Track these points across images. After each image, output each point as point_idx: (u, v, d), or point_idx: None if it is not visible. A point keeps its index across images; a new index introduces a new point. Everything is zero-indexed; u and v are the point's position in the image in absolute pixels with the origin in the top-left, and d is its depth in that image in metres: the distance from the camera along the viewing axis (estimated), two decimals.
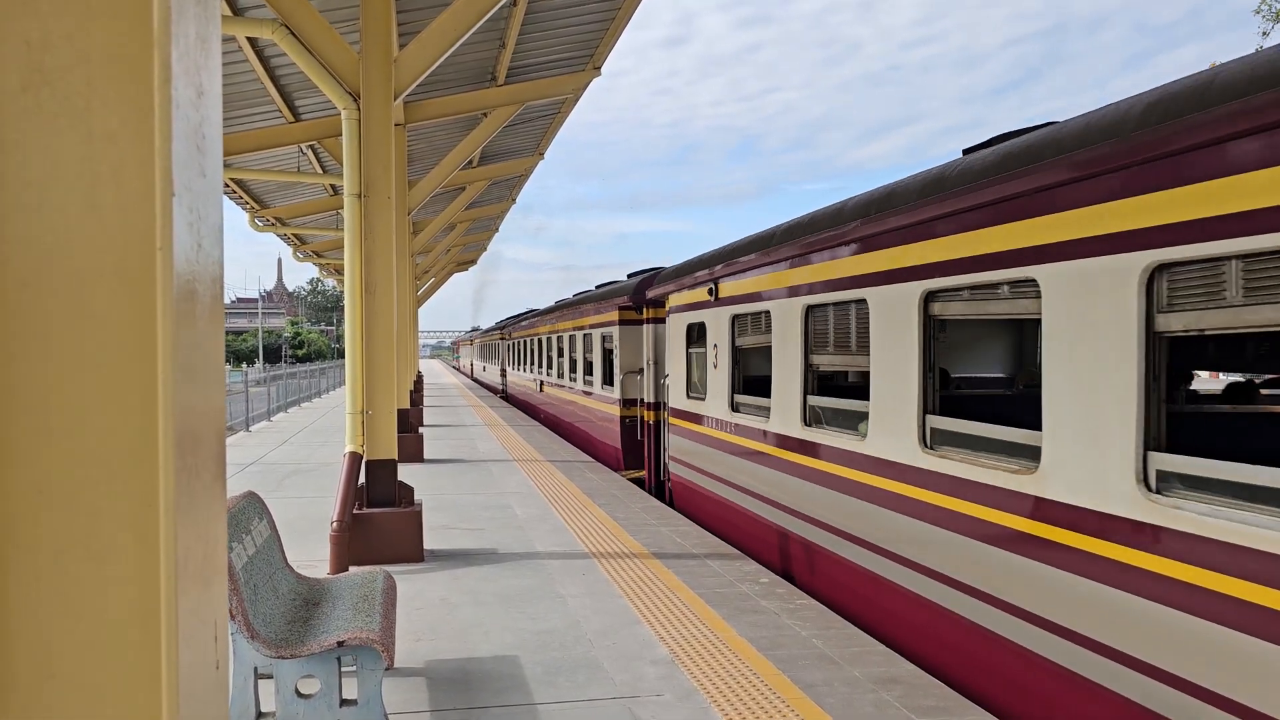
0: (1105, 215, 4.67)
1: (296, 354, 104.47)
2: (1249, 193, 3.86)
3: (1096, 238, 4.74)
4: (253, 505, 5.49)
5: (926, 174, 6.49)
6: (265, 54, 12.91)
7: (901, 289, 6.60)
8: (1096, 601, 4.60)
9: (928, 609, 6.18)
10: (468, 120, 17.36)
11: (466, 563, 8.81)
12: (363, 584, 5.67)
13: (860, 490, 7.20)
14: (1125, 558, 4.45)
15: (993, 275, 5.55)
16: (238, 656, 4.69)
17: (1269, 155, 3.77)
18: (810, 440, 8.22)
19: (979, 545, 5.58)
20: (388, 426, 9.16)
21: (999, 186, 5.40)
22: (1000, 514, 5.43)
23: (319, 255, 33.22)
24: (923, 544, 6.23)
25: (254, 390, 25.55)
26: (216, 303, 1.27)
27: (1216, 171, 4.03)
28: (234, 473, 15.19)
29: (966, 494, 5.75)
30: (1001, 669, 5.36)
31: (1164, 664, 4.18)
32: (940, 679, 5.89)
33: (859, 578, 7.20)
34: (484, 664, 6.02)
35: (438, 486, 13.51)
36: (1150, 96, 4.49)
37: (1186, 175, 4.17)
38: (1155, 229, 4.34)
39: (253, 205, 22.41)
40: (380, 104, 9.02)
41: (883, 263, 6.87)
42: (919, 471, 6.32)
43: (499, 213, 31.66)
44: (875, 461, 6.96)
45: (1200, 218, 4.09)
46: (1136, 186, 4.46)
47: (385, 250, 9.10)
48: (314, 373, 39.20)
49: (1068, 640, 4.79)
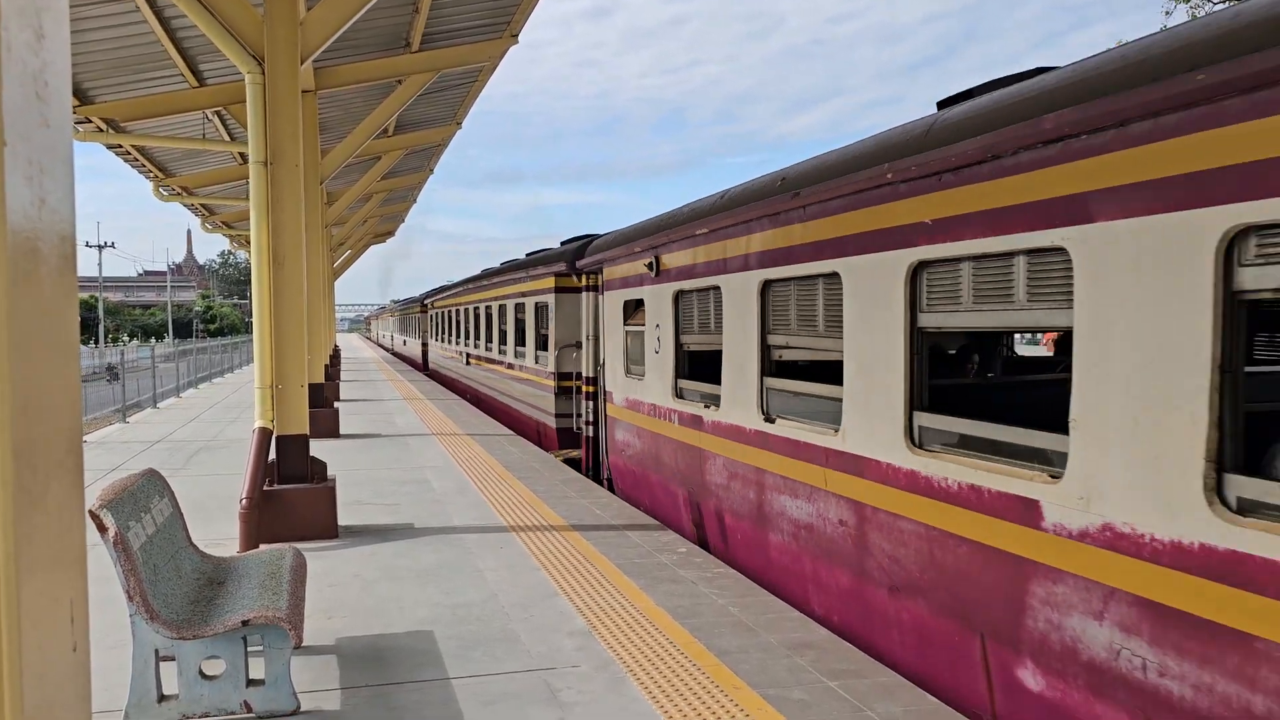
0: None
1: (208, 329, 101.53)
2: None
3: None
4: (152, 483, 5.31)
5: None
6: (165, 14, 12.37)
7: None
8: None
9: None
10: (382, 87, 16.94)
11: (382, 538, 8.68)
12: (270, 562, 5.54)
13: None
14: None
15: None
16: (137, 639, 4.54)
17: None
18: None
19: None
20: (298, 401, 8.94)
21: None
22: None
23: (229, 226, 32.19)
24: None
25: (163, 366, 24.72)
26: (67, 265, 1.18)
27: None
28: (140, 450, 14.71)
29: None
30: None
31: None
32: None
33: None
34: (398, 640, 5.94)
35: (353, 462, 13.27)
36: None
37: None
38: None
39: (156, 174, 21.56)
40: (286, 67, 8.72)
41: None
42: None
43: (417, 183, 31.09)
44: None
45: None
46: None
47: (294, 220, 8.84)
48: (226, 348, 38.15)
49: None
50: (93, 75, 14.34)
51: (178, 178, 22.50)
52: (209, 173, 22.58)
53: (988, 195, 4.89)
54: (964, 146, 4.95)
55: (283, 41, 8.72)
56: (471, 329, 25.37)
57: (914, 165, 5.37)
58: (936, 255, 5.29)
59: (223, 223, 31.20)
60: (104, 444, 15.68)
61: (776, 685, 5.16)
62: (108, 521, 4.41)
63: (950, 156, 5.07)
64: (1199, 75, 3.57)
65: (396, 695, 5.07)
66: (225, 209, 28.56)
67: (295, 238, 8.86)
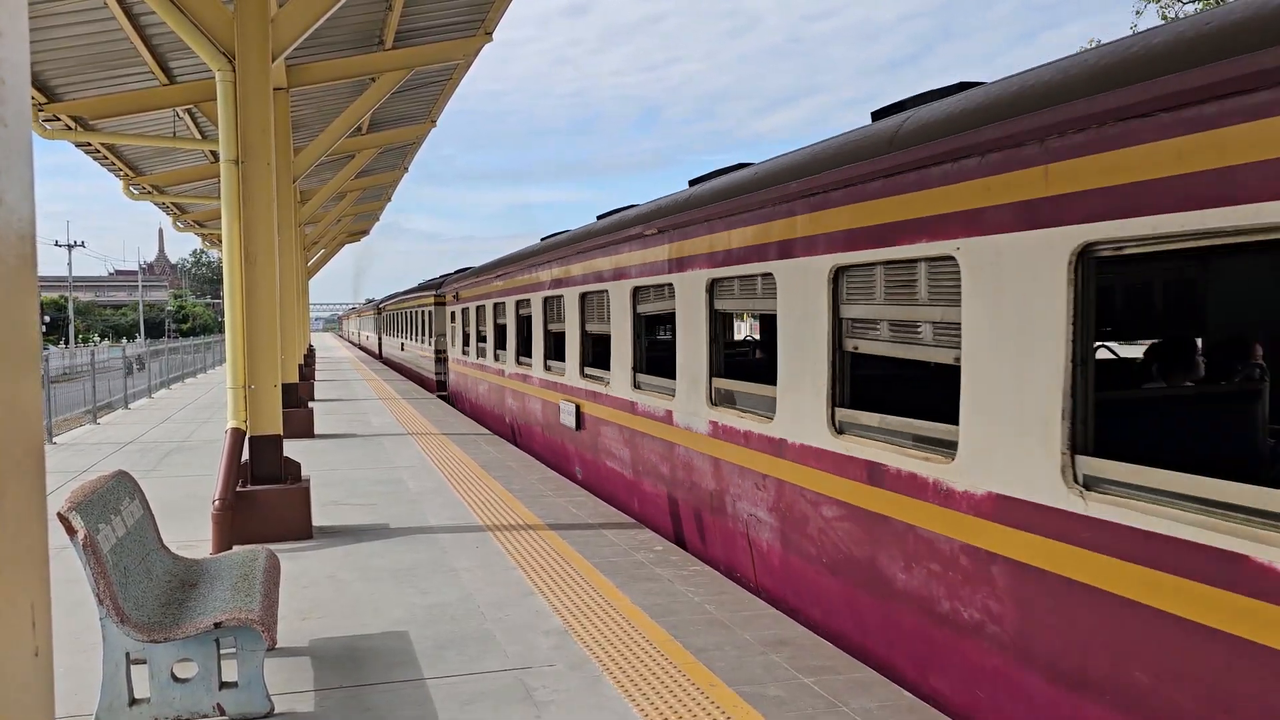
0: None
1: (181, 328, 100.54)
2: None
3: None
4: (122, 485, 5.25)
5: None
6: (134, 11, 12.22)
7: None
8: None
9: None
10: (356, 85, 16.83)
11: (357, 539, 8.63)
12: (243, 563, 5.49)
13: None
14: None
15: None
16: (107, 642, 4.49)
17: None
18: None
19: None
20: (271, 401, 8.87)
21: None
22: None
23: (201, 225, 31.88)
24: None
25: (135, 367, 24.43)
26: (25, 265, 1.17)
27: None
28: (110, 452, 14.55)
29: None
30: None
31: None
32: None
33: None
34: (373, 640, 5.91)
35: (328, 462, 13.19)
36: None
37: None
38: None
39: (127, 172, 21.31)
40: (257, 65, 8.64)
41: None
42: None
43: (391, 181, 30.89)
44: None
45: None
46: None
47: (266, 219, 8.76)
48: (199, 347, 37.80)
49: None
50: (61, 72, 14.16)
51: (148, 176, 22.25)
52: (180, 171, 22.34)
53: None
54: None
55: (253, 39, 8.64)
56: (399, 326, 39.74)
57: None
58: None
59: (195, 221, 30.90)
60: (74, 445, 15.50)
61: (752, 682, 5.18)
62: (77, 524, 4.36)
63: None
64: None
65: (371, 696, 5.05)
66: (197, 208, 28.28)
67: (267, 236, 8.79)
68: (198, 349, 37.08)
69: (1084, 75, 4.09)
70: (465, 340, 20.70)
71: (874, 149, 5.40)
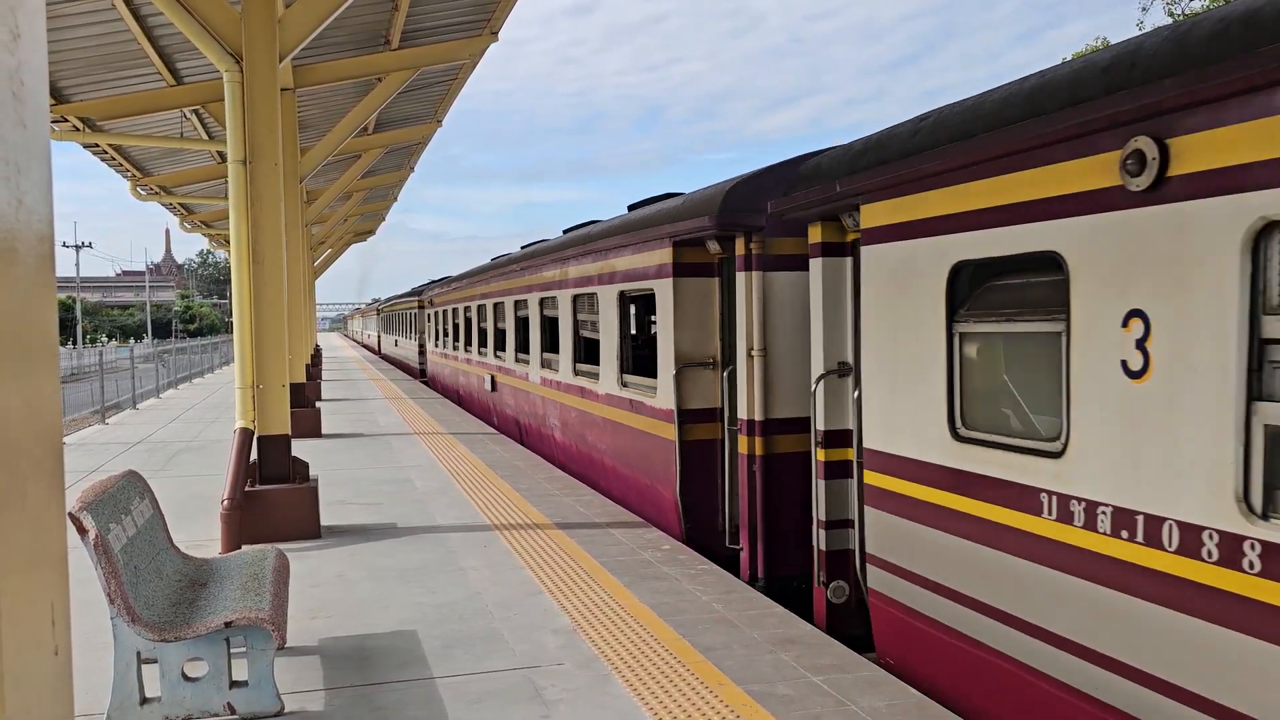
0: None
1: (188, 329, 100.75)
2: None
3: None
4: (133, 485, 5.27)
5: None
6: (141, 13, 12.26)
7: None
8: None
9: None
10: (362, 85, 16.85)
11: (364, 538, 8.65)
12: (252, 563, 5.51)
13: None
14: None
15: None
16: (118, 641, 4.51)
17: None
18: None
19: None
20: (279, 401, 8.89)
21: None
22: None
23: (208, 225, 31.95)
24: None
25: (142, 366, 24.52)
26: (44, 265, 1.18)
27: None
28: (120, 452, 14.60)
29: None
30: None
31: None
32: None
33: None
34: (381, 640, 5.92)
35: (335, 462, 13.22)
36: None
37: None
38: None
39: (134, 173, 21.37)
40: (264, 65, 8.66)
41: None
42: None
43: (397, 181, 30.94)
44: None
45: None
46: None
47: (273, 219, 8.78)
48: (206, 347, 37.90)
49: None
50: (69, 74, 14.20)
51: (155, 177, 22.31)
52: (187, 171, 22.40)
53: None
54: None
55: (260, 39, 8.66)
56: (394, 325, 46.22)
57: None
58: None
59: (201, 222, 30.97)
60: (83, 445, 15.55)
61: (761, 681, 5.18)
62: (88, 524, 4.37)
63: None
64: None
65: (380, 695, 5.06)
66: (204, 208, 28.35)
67: (275, 236, 8.81)
68: (205, 349, 37.18)
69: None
70: (436, 336, 28.32)
71: (622, 227, 10.24)
